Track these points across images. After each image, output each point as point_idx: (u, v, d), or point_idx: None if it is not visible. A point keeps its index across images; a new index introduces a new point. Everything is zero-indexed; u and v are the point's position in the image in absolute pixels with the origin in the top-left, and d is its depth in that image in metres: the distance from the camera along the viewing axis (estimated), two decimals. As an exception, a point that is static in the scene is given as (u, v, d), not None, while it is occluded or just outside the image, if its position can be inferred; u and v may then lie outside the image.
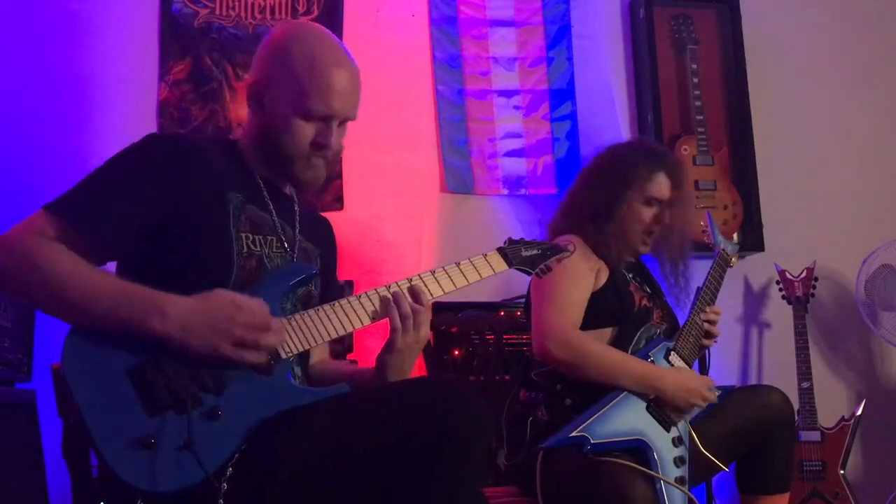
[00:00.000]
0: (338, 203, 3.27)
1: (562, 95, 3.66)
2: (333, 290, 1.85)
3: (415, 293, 1.60)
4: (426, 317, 1.60)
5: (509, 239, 1.79)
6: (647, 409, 2.11)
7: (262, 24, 3.44)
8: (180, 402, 1.39)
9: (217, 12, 3.42)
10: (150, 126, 3.26)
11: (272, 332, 1.45)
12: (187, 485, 1.37)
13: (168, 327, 1.40)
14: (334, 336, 1.56)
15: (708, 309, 2.31)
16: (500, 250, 1.74)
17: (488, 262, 1.71)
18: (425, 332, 1.61)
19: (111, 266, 1.59)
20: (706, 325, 2.30)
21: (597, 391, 2.10)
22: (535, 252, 1.76)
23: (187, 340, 1.40)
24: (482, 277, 1.69)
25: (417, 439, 1.35)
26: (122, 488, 1.36)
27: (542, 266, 1.76)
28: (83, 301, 1.41)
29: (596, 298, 2.22)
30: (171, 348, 1.40)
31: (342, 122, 1.66)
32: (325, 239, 1.85)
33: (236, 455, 1.41)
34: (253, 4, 3.45)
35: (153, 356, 1.41)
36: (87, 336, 1.42)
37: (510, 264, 1.73)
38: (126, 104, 3.28)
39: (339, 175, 3.31)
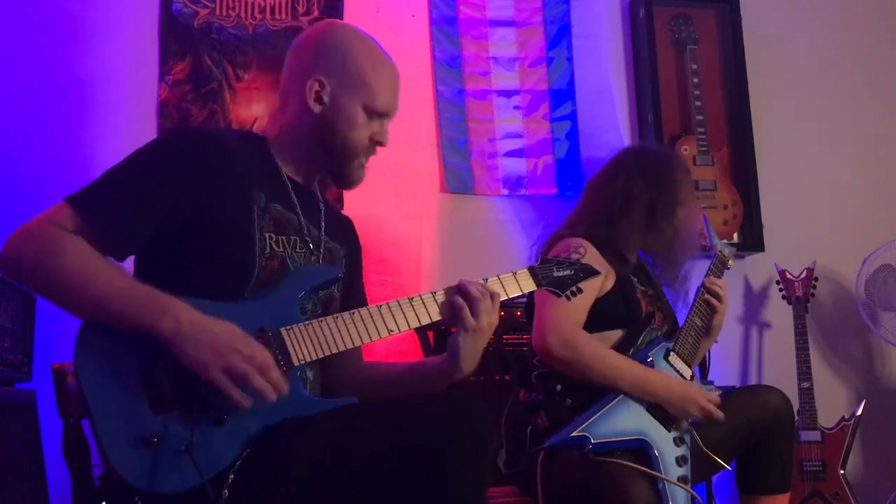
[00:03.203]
0: (338, 203, 3.26)
1: (562, 95, 3.66)
2: (356, 291, 1.83)
3: (461, 289, 1.59)
4: (485, 306, 1.58)
5: (542, 257, 1.75)
6: (648, 408, 2.11)
7: (262, 24, 3.44)
8: (186, 404, 1.38)
9: (217, 12, 3.42)
10: (150, 126, 3.26)
11: (266, 379, 1.40)
12: (184, 488, 1.36)
13: (175, 330, 1.38)
14: (350, 346, 1.54)
15: (711, 280, 2.32)
16: (531, 269, 1.70)
17: (517, 281, 1.68)
18: (488, 321, 1.59)
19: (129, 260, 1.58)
20: (708, 297, 2.30)
21: (597, 391, 2.10)
22: (567, 272, 1.72)
23: (185, 349, 1.38)
24: (508, 296, 1.66)
25: (421, 448, 1.34)
26: (121, 486, 1.36)
27: (572, 288, 1.72)
28: (96, 296, 1.40)
29: (603, 303, 2.21)
30: (170, 351, 1.39)
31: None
32: (350, 239, 1.85)
33: (238, 462, 1.40)
34: (253, 4, 3.45)
35: (165, 354, 1.39)
36: (101, 329, 1.41)
37: (539, 285, 1.70)
38: (126, 104, 3.28)
39: (340, 175, 3.31)
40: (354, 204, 3.25)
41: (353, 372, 1.77)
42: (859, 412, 3.32)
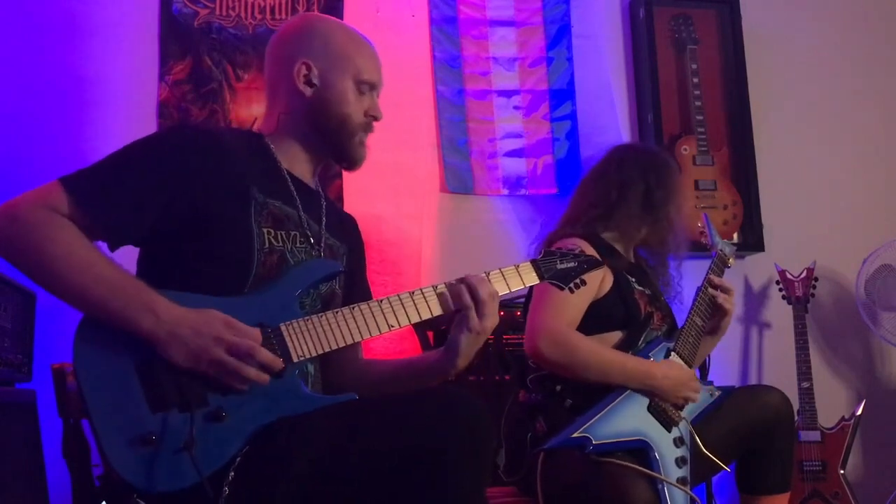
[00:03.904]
0: (338, 202, 3.27)
1: (562, 95, 3.66)
2: (360, 289, 1.83)
3: (471, 289, 1.58)
4: (491, 309, 1.58)
5: (545, 250, 1.74)
6: (649, 409, 2.11)
7: (262, 24, 3.44)
8: (184, 401, 1.38)
9: (217, 12, 3.42)
10: (150, 126, 3.26)
11: (256, 363, 1.40)
12: (183, 486, 1.36)
13: (156, 329, 1.38)
14: (349, 342, 1.53)
15: (715, 282, 2.32)
16: (533, 262, 1.69)
17: (519, 274, 1.66)
18: (491, 323, 1.59)
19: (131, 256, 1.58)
20: (713, 291, 2.30)
21: (597, 392, 2.10)
22: (570, 265, 1.70)
23: (170, 346, 1.38)
24: (511, 290, 1.64)
25: (421, 446, 1.34)
26: (120, 485, 1.36)
27: (575, 281, 1.70)
28: (78, 285, 1.40)
29: (602, 305, 2.22)
30: (156, 350, 1.39)
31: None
32: (352, 236, 1.85)
33: (238, 459, 1.40)
34: (253, 4, 3.45)
35: None
36: (99, 326, 1.41)
37: (542, 278, 1.68)
38: (126, 104, 3.28)
39: (339, 174, 3.31)
40: (355, 204, 3.25)
41: (353, 369, 1.77)
42: (859, 412, 3.32)
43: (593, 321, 2.19)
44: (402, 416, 1.39)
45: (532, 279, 1.68)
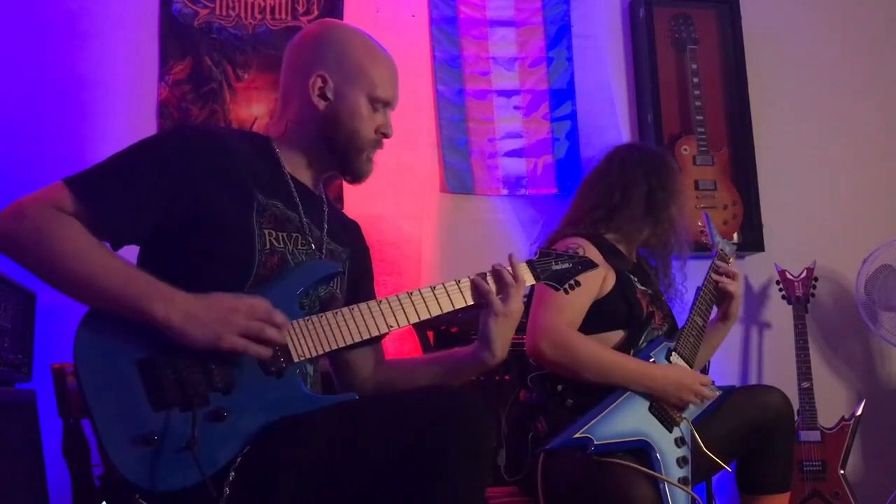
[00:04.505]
0: (338, 202, 3.27)
1: (562, 95, 3.66)
2: (364, 293, 1.81)
3: (494, 274, 1.64)
4: (515, 291, 1.63)
5: (540, 250, 1.75)
6: (650, 409, 2.11)
7: (262, 24, 3.44)
8: (186, 401, 1.38)
9: (217, 12, 3.42)
10: (150, 126, 3.26)
11: (275, 326, 1.43)
12: (185, 486, 1.36)
13: (171, 314, 1.39)
14: (349, 342, 1.54)
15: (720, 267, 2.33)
16: (529, 263, 1.70)
17: None
18: (516, 307, 1.64)
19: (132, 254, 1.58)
20: (717, 278, 2.30)
21: (598, 392, 2.09)
22: (565, 266, 1.72)
23: (189, 331, 1.39)
24: None
25: (421, 446, 1.34)
26: (122, 485, 1.36)
27: (570, 282, 1.72)
28: (91, 278, 1.40)
29: (604, 304, 2.22)
30: (172, 339, 1.39)
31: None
32: (354, 241, 1.84)
33: (239, 459, 1.40)
34: (253, 4, 3.45)
35: (165, 350, 1.40)
36: (100, 325, 1.41)
37: (538, 279, 1.70)
38: (126, 104, 3.28)
39: (339, 175, 3.31)
40: (355, 204, 3.25)
41: (377, 371, 1.77)
42: (859, 412, 3.33)
43: (595, 320, 2.19)
44: (402, 415, 1.39)
45: (528, 279, 1.69)
